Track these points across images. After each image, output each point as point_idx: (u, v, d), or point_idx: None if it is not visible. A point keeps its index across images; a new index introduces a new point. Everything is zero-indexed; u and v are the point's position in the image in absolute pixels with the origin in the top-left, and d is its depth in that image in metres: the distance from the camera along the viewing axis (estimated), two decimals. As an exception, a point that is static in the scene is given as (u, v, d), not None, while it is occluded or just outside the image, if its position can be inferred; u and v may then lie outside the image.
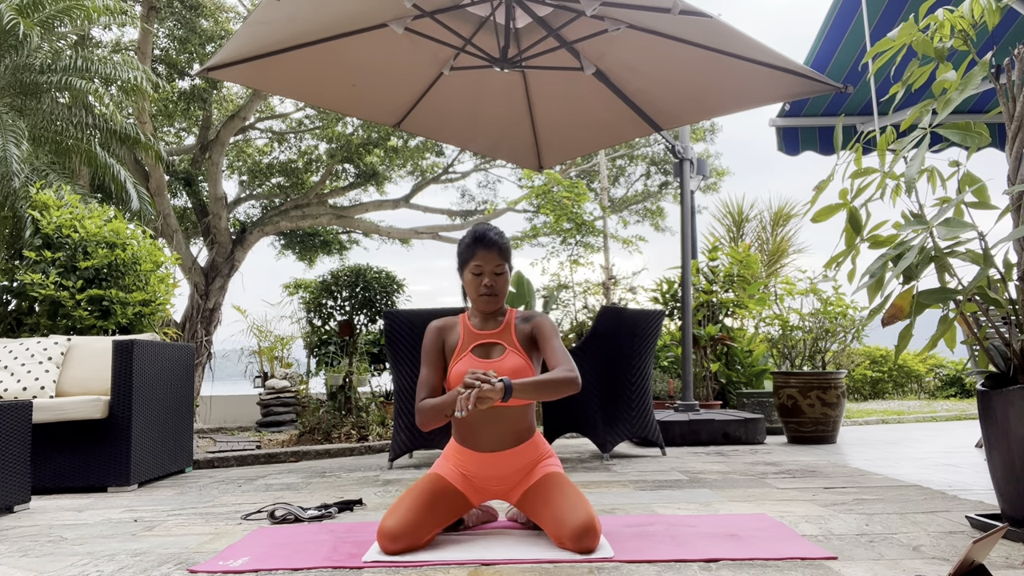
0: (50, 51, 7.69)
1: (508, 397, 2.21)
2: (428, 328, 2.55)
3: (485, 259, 2.46)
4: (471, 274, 2.48)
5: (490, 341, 2.48)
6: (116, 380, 3.98)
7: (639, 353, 4.73)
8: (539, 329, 2.49)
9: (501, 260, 2.47)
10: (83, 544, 2.56)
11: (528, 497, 2.41)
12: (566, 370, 2.35)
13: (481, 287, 2.46)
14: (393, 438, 4.50)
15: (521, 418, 2.44)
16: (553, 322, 2.54)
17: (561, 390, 2.32)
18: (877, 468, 4.08)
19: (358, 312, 7.08)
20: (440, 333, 2.53)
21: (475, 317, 2.54)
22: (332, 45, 4.39)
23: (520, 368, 2.39)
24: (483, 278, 2.46)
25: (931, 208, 2.33)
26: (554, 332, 2.49)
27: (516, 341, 2.47)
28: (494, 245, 2.47)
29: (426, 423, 2.41)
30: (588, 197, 9.13)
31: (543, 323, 2.50)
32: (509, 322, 2.51)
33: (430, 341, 2.52)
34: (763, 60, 4.25)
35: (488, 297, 2.47)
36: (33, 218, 5.25)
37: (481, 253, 2.46)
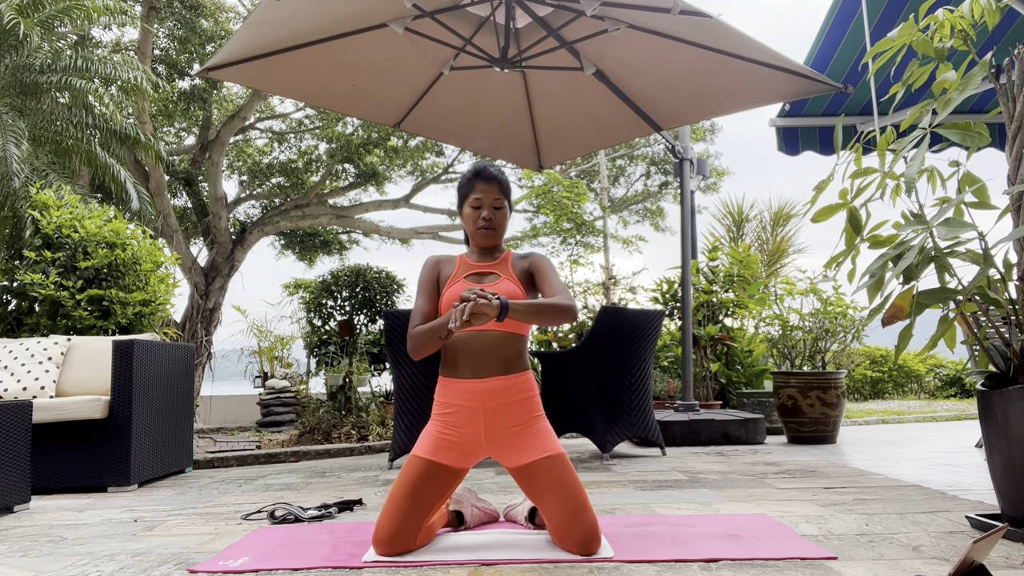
0: (50, 51, 7.68)
1: (504, 316, 2.15)
2: (425, 261, 2.53)
3: (484, 192, 2.44)
4: (470, 208, 2.46)
5: (485, 270, 2.46)
6: (116, 380, 3.98)
7: (639, 353, 4.73)
8: (537, 265, 2.47)
9: (500, 194, 2.46)
10: (83, 544, 2.56)
11: (528, 475, 2.28)
12: (563, 298, 2.32)
13: (480, 220, 2.44)
14: (393, 438, 4.50)
15: (510, 343, 2.35)
16: (551, 261, 2.52)
17: (558, 316, 2.28)
18: (877, 468, 4.08)
19: (358, 312, 7.08)
20: (436, 265, 2.51)
21: (472, 253, 2.52)
22: (332, 45, 4.39)
23: (513, 293, 2.35)
24: (482, 211, 2.44)
25: (931, 208, 2.33)
26: (551, 269, 2.47)
27: (512, 273, 2.45)
28: (493, 179, 2.45)
29: (418, 348, 2.34)
30: (588, 197, 9.13)
31: (541, 260, 2.49)
32: (506, 257, 2.50)
33: (426, 272, 2.50)
34: (763, 60, 4.25)
35: (486, 231, 2.44)
36: (33, 218, 5.25)
37: (480, 186, 2.44)
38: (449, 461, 2.31)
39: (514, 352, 2.36)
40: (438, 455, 2.30)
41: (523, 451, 2.29)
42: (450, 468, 2.31)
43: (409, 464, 2.30)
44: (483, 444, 2.33)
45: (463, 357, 2.35)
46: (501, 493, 3.44)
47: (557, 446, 2.31)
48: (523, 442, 2.30)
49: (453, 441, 2.32)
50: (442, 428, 2.34)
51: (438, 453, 2.30)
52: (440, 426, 2.35)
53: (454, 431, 2.33)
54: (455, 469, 2.33)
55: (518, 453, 2.30)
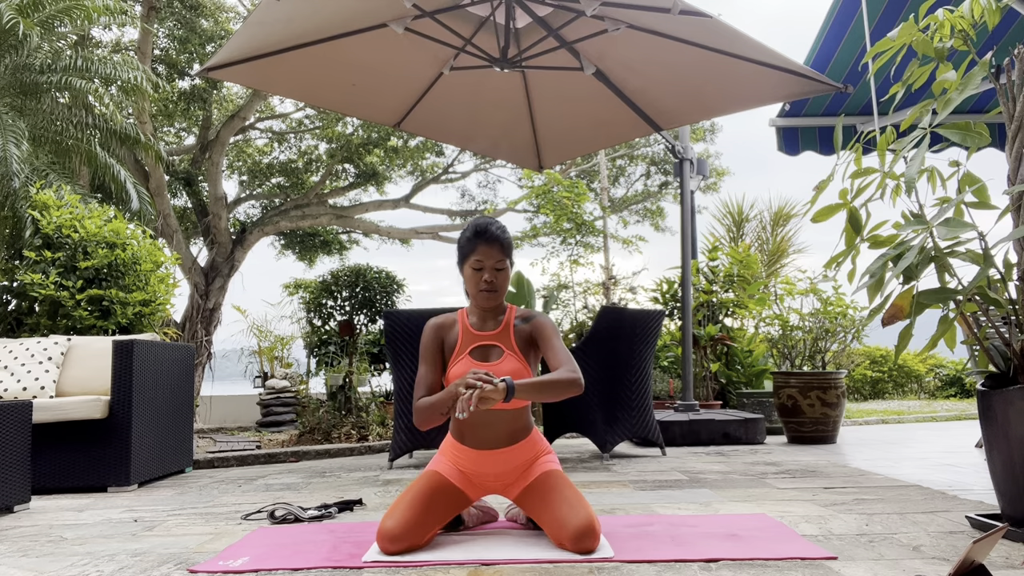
0: (50, 51, 7.69)
1: (510, 398, 2.19)
2: (426, 326, 2.52)
3: (486, 254, 2.42)
4: (471, 269, 2.44)
5: (488, 343, 2.46)
6: (116, 380, 3.98)
7: (639, 353, 4.73)
8: (539, 330, 2.46)
9: (502, 255, 2.44)
10: (83, 544, 2.56)
11: (527, 495, 2.41)
12: (568, 371, 2.32)
13: (481, 283, 2.43)
14: (393, 438, 4.50)
15: (518, 418, 2.43)
16: (553, 322, 2.52)
17: (564, 391, 2.29)
18: (877, 468, 4.08)
19: (358, 312, 7.08)
20: (438, 332, 2.51)
21: (473, 315, 2.52)
22: (332, 45, 4.39)
23: (518, 372, 2.37)
24: (483, 273, 2.43)
25: (931, 208, 2.33)
26: (555, 332, 2.47)
27: (514, 343, 2.45)
28: (496, 240, 2.42)
29: (423, 422, 2.38)
30: (588, 197, 9.13)
31: (543, 324, 2.48)
32: (508, 322, 2.49)
33: (428, 339, 2.50)
34: (763, 60, 4.25)
35: (488, 293, 2.44)
36: (33, 218, 5.25)
37: (482, 248, 2.42)
38: (462, 487, 2.45)
39: (521, 423, 2.45)
40: (454, 478, 2.44)
41: (524, 480, 2.43)
42: (462, 492, 2.45)
43: (427, 476, 2.42)
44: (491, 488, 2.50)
45: (469, 431, 2.43)
46: (501, 493, 3.44)
47: (552, 464, 2.45)
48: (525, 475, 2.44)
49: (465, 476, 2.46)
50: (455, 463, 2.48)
51: (453, 477, 2.44)
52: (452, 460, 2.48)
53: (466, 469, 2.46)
54: (466, 496, 2.47)
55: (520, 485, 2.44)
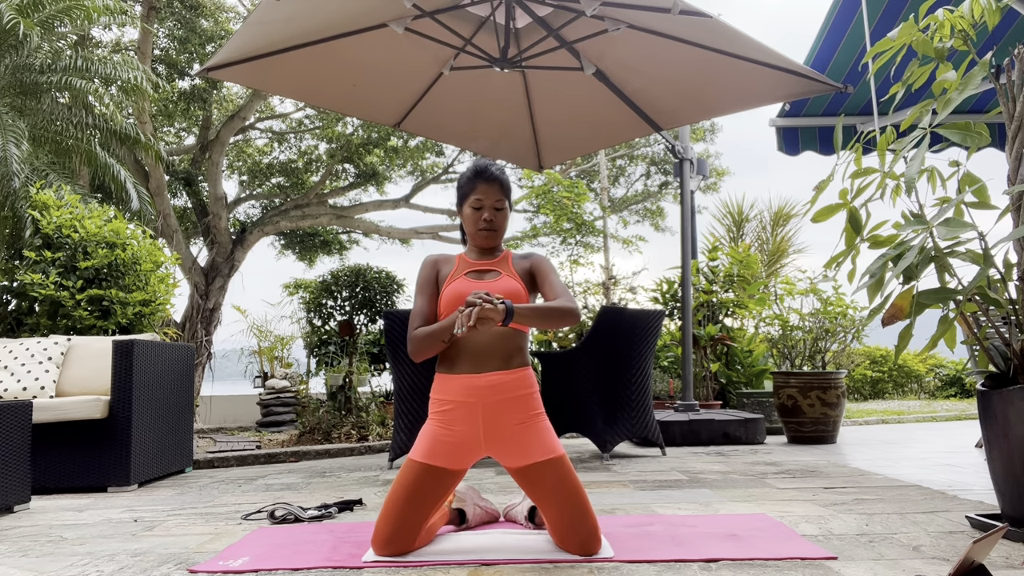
0: (50, 51, 7.69)
1: (509, 319, 2.15)
2: (424, 261, 2.50)
3: (486, 192, 2.41)
4: (471, 208, 2.43)
5: (485, 268, 2.44)
6: (116, 380, 3.98)
7: (639, 353, 4.73)
8: (538, 266, 2.45)
9: (501, 195, 2.43)
10: (83, 544, 2.56)
11: (529, 476, 2.26)
12: (566, 300, 2.32)
13: (480, 221, 2.41)
14: (393, 438, 4.50)
15: (510, 339, 2.32)
16: (552, 262, 2.50)
17: (562, 319, 2.28)
18: (877, 468, 4.08)
19: (358, 312, 7.08)
20: (435, 265, 2.48)
21: (472, 252, 2.50)
22: (332, 45, 4.39)
23: (514, 289, 2.34)
24: (483, 212, 2.41)
25: (931, 208, 2.33)
26: (552, 269, 2.46)
27: (513, 270, 2.43)
28: (495, 179, 2.42)
29: (420, 351, 2.32)
30: (588, 197, 9.13)
31: (542, 261, 2.47)
32: (506, 256, 2.49)
33: (426, 272, 2.47)
34: (763, 60, 4.25)
35: (487, 232, 2.42)
36: (33, 218, 5.25)
37: (482, 186, 2.41)
38: (446, 463, 2.27)
39: (514, 347, 2.34)
40: (435, 458, 2.26)
41: (524, 451, 2.26)
42: (448, 470, 2.27)
43: (406, 468, 2.27)
44: (482, 443, 2.29)
45: (462, 352, 2.31)
46: (501, 493, 3.44)
47: (558, 447, 2.28)
48: (524, 441, 2.26)
49: (450, 442, 2.28)
50: (439, 428, 2.30)
51: (435, 456, 2.26)
52: (437, 426, 2.31)
53: (451, 431, 2.28)
54: (453, 471, 2.29)
55: (519, 453, 2.26)
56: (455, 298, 2.31)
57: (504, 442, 2.28)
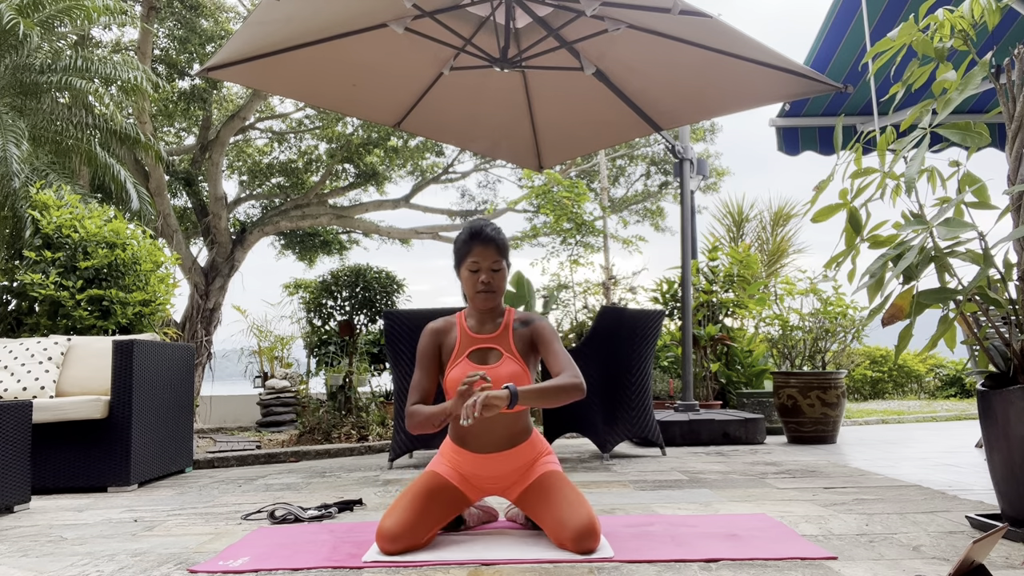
0: (50, 51, 7.69)
1: (514, 404, 2.20)
2: (424, 331, 2.51)
3: (482, 255, 2.41)
4: (468, 271, 2.43)
5: (487, 346, 2.45)
6: (116, 380, 3.98)
7: (639, 353, 4.73)
8: (539, 335, 2.46)
9: (498, 256, 2.43)
10: (83, 544, 2.56)
11: (527, 496, 2.41)
12: (571, 376, 2.33)
13: (478, 284, 2.42)
14: (393, 438, 4.50)
15: (517, 420, 2.43)
16: (552, 326, 2.52)
17: (566, 396, 2.30)
18: (877, 468, 4.08)
19: (358, 312, 7.08)
20: (436, 336, 2.50)
21: (472, 318, 2.50)
22: (332, 45, 4.39)
23: (517, 374, 2.37)
24: (480, 275, 2.42)
25: (931, 208, 2.33)
26: (555, 336, 2.47)
27: (513, 346, 2.44)
28: (491, 241, 2.42)
29: (416, 428, 2.39)
30: (588, 197, 9.13)
31: (543, 328, 2.47)
32: (507, 324, 2.48)
33: (426, 344, 2.49)
34: (763, 60, 4.25)
35: (485, 294, 2.43)
36: (33, 218, 5.25)
37: (478, 249, 2.41)
38: (462, 489, 2.45)
39: (519, 427, 2.45)
40: (453, 479, 2.44)
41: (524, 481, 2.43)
42: (462, 493, 2.45)
43: (427, 476, 2.42)
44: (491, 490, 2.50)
45: (469, 435, 2.42)
46: (501, 493, 3.44)
47: (552, 464, 2.45)
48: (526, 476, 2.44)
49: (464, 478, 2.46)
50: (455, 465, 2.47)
51: (453, 478, 2.44)
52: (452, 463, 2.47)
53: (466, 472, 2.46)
54: (466, 496, 2.46)
55: (520, 486, 2.44)
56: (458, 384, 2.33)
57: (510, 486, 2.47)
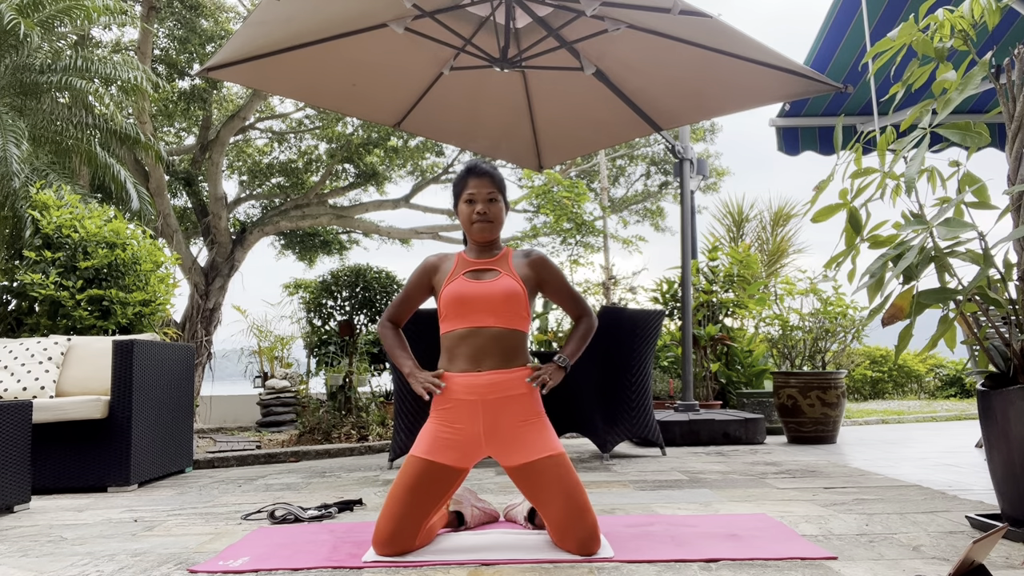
0: (50, 51, 7.69)
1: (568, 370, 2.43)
2: (425, 259, 2.55)
3: (478, 186, 2.43)
4: (464, 203, 2.45)
5: (484, 267, 2.44)
6: (116, 380, 3.98)
7: (639, 353, 4.73)
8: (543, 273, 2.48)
9: (493, 187, 2.45)
10: (83, 544, 2.56)
11: (528, 475, 2.26)
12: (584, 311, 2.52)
13: (474, 214, 2.42)
14: (393, 438, 4.50)
15: (511, 337, 2.36)
16: (554, 262, 2.53)
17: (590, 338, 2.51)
18: (877, 468, 4.08)
19: (358, 312, 7.08)
20: (429, 270, 2.51)
21: (471, 251, 2.51)
22: (332, 45, 4.39)
23: (513, 289, 2.36)
24: (476, 205, 2.43)
25: (931, 208, 2.33)
26: (559, 273, 2.51)
27: (513, 270, 2.43)
28: (485, 173, 2.46)
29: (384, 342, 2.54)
30: (588, 197, 9.13)
31: (545, 265, 2.48)
32: (506, 253, 2.50)
33: (417, 275, 2.53)
34: (763, 60, 4.25)
35: (482, 224, 2.42)
36: (33, 218, 5.25)
37: (473, 181, 2.44)
38: (449, 461, 2.28)
39: (513, 345, 2.37)
40: (437, 455, 2.27)
41: (524, 449, 2.27)
42: (450, 468, 2.29)
43: (407, 465, 2.28)
44: (482, 442, 2.30)
45: (461, 351, 2.35)
46: (501, 493, 3.44)
47: (557, 445, 2.29)
48: (523, 440, 2.28)
49: (452, 440, 2.30)
50: (440, 426, 2.32)
51: (437, 453, 2.28)
52: (438, 424, 2.33)
53: (453, 428, 2.31)
54: (456, 469, 2.30)
55: (518, 451, 2.27)
56: (454, 299, 2.36)
57: (505, 440, 2.29)
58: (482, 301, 2.34)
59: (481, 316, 2.33)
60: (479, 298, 2.34)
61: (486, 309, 2.33)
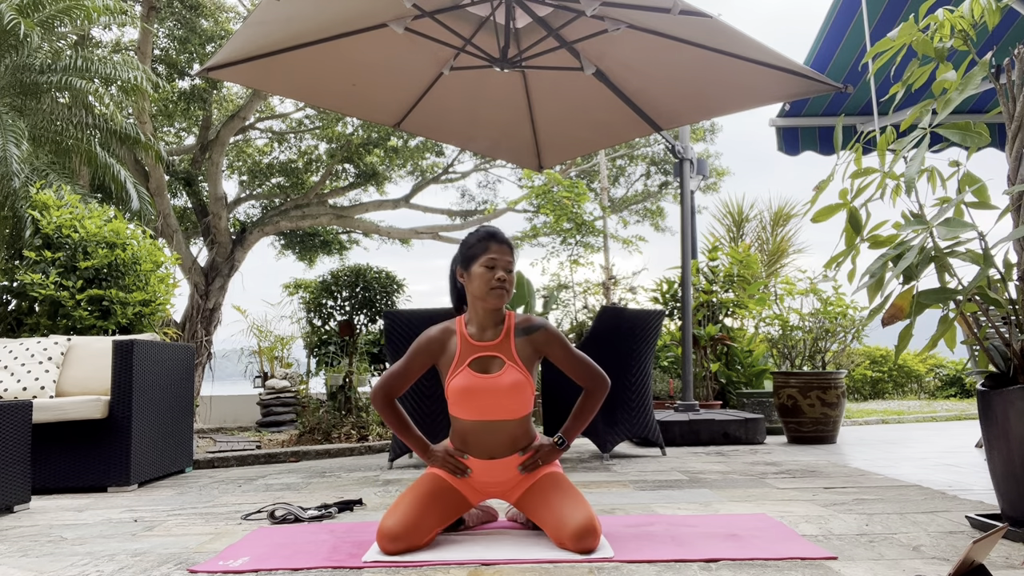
0: (50, 51, 7.69)
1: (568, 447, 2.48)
2: (421, 337, 2.47)
3: (500, 253, 2.41)
4: (483, 268, 2.40)
5: (488, 354, 2.42)
6: (116, 380, 3.98)
7: (639, 353, 4.73)
8: (550, 346, 2.46)
9: (512, 257, 2.45)
10: (83, 544, 2.56)
11: (528, 497, 2.42)
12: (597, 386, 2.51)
13: (494, 280, 2.39)
14: (393, 438, 4.50)
15: (520, 425, 2.44)
16: (558, 331, 2.50)
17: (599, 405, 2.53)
18: (877, 468, 4.08)
19: (358, 312, 7.08)
20: (433, 346, 2.46)
21: (472, 324, 2.46)
22: (332, 45, 4.39)
23: (519, 383, 2.37)
24: (496, 271, 2.40)
25: (931, 208, 2.33)
26: (565, 345, 2.49)
27: (515, 354, 2.41)
28: (506, 242, 2.45)
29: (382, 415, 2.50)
30: (588, 197, 9.13)
31: (552, 338, 2.46)
32: (508, 330, 2.45)
33: (420, 350, 2.46)
34: (763, 60, 4.25)
35: (500, 291, 2.40)
36: (33, 218, 5.25)
37: (495, 247, 2.42)
38: (464, 492, 2.47)
39: (521, 432, 2.46)
40: (456, 483, 2.45)
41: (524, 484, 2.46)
42: (463, 497, 2.47)
43: (428, 477, 2.44)
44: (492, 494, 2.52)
45: (471, 442, 2.44)
46: (501, 493, 3.44)
47: (555, 465, 2.48)
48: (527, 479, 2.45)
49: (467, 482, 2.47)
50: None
51: (456, 481, 2.46)
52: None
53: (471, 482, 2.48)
54: (467, 500, 2.48)
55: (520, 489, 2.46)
56: (462, 394, 2.39)
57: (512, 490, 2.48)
58: (490, 398, 2.37)
59: (489, 412, 2.39)
60: (487, 394, 2.37)
61: (494, 406, 2.39)
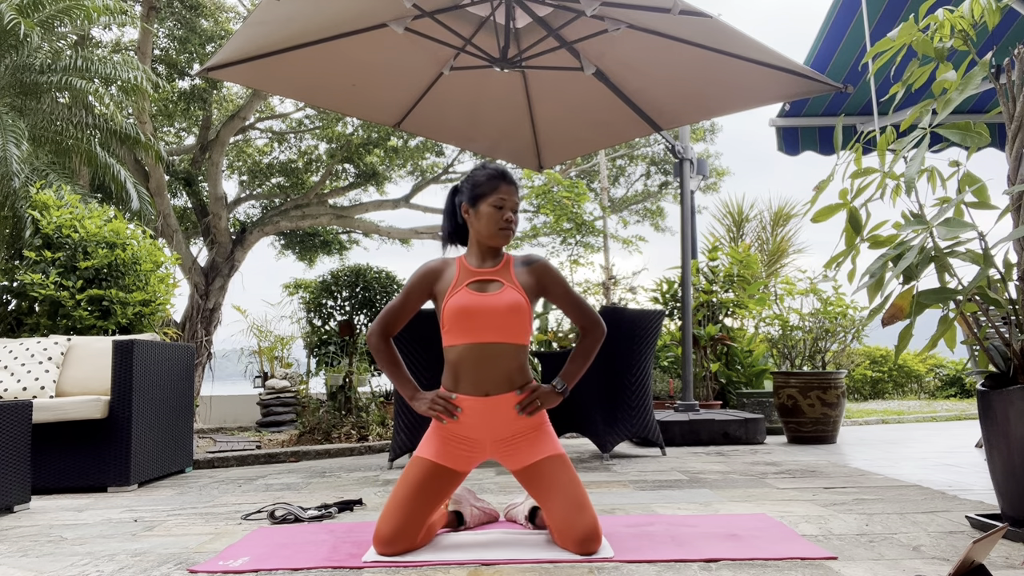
0: (50, 51, 7.69)
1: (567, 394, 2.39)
2: (420, 268, 2.44)
3: (509, 193, 2.38)
4: (491, 207, 2.36)
5: (487, 277, 2.38)
6: (116, 380, 3.98)
7: (639, 353, 4.73)
8: (546, 281, 2.42)
9: (519, 199, 2.43)
10: (83, 544, 2.56)
11: (530, 476, 2.31)
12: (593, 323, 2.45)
13: (502, 220, 2.36)
14: (393, 438, 4.50)
15: (514, 356, 2.34)
16: (556, 268, 2.47)
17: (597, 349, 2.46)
18: (877, 468, 4.08)
19: (358, 312, 7.08)
20: (430, 277, 2.41)
21: (472, 256, 2.44)
22: (332, 45, 4.39)
23: (517, 303, 2.31)
24: (505, 211, 2.37)
25: (931, 208, 2.33)
26: (562, 280, 2.45)
27: (515, 281, 2.38)
28: (515, 184, 2.41)
29: (376, 357, 2.43)
30: (588, 197, 9.13)
31: (547, 273, 2.42)
32: (507, 261, 2.43)
33: (416, 282, 2.42)
34: (763, 60, 4.25)
35: (507, 231, 2.37)
36: (33, 218, 5.25)
37: (505, 187, 2.38)
38: (452, 464, 2.34)
39: (517, 364, 2.35)
40: (442, 457, 2.33)
41: (526, 454, 2.33)
42: (453, 471, 2.35)
43: (413, 465, 2.33)
44: (487, 449, 2.37)
45: (464, 373, 2.33)
46: (501, 493, 3.44)
47: (558, 447, 2.36)
48: (527, 447, 2.34)
49: (458, 445, 2.35)
50: (446, 432, 2.36)
51: (442, 455, 2.33)
52: (444, 430, 2.36)
53: (458, 435, 2.35)
54: (457, 472, 2.36)
55: (521, 457, 2.34)
56: (459, 313, 2.30)
57: (509, 449, 2.36)
58: (487, 316, 2.29)
59: (486, 332, 2.29)
60: (484, 312, 2.29)
61: (491, 324, 2.29)
